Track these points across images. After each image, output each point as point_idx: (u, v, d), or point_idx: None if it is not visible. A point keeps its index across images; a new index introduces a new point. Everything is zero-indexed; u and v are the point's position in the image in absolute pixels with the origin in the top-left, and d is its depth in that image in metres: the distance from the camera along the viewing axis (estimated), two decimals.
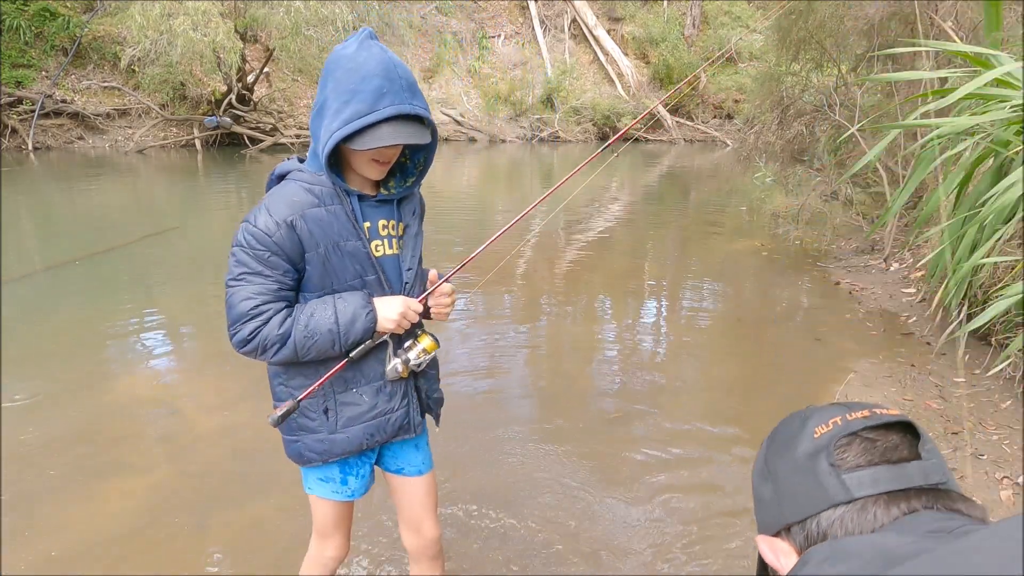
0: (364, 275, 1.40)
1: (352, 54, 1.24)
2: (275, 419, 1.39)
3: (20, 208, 7.85)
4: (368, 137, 1.24)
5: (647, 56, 20.87)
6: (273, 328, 1.32)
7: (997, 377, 3.41)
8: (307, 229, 1.31)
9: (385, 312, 1.39)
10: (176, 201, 9.03)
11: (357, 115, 1.22)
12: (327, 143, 1.25)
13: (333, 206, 1.34)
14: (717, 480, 2.73)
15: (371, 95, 1.22)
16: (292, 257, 1.32)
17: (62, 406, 3.19)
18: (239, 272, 1.31)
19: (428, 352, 1.46)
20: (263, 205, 1.32)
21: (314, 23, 12.91)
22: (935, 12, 4.90)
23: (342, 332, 1.34)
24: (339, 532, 1.64)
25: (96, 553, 2.22)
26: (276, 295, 1.33)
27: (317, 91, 1.29)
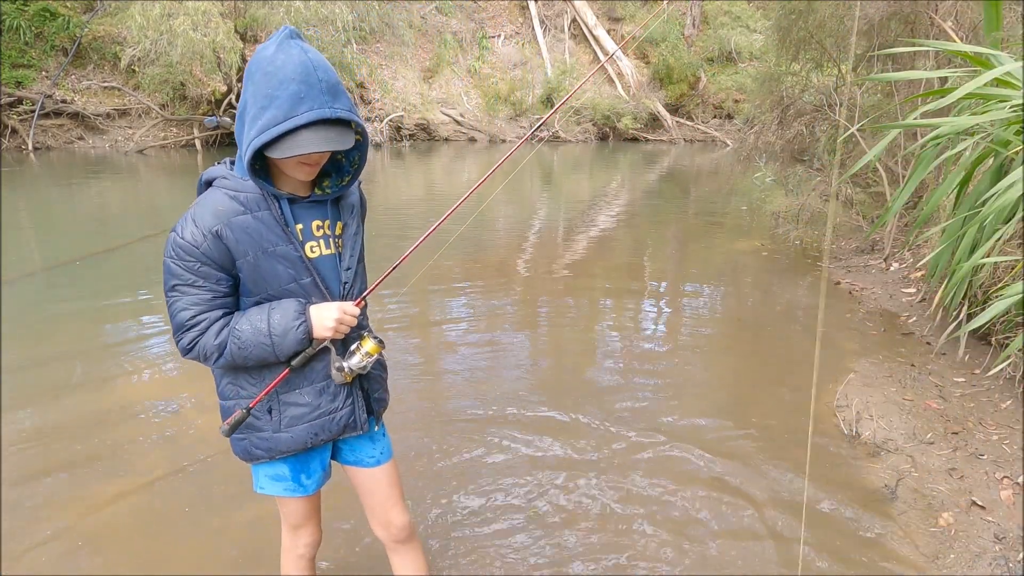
0: (299, 279, 1.38)
1: (270, 56, 1.19)
2: (225, 430, 1.41)
3: (20, 208, 7.85)
4: (287, 144, 1.20)
5: (647, 56, 20.87)
6: (210, 339, 1.32)
7: (997, 377, 3.41)
8: (233, 238, 1.29)
9: (320, 320, 1.38)
10: (176, 201, 9.02)
11: (274, 122, 1.18)
12: (246, 151, 1.22)
13: (260, 212, 1.32)
14: (716, 479, 2.73)
15: (288, 100, 1.17)
16: (223, 265, 1.31)
17: (62, 406, 3.19)
18: (173, 283, 1.31)
19: (371, 355, 1.45)
20: (188, 215, 1.29)
21: (314, 23, 12.92)
22: (935, 12, 4.90)
23: (276, 344, 1.35)
24: (309, 522, 1.66)
25: (96, 553, 2.22)
26: (211, 304, 1.33)
27: (244, 85, 1.24)
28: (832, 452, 2.95)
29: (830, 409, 3.34)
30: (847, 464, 2.86)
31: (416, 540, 1.75)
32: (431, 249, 2.78)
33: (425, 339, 4.21)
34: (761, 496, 2.62)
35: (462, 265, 5.93)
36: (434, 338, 4.23)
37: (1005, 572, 2.18)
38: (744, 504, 2.57)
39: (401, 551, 1.72)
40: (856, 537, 2.39)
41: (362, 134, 1.35)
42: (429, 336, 4.26)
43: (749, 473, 2.78)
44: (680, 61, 19.89)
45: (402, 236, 7.12)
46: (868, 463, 2.87)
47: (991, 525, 2.39)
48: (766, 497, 2.62)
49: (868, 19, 5.36)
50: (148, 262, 5.81)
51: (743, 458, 2.89)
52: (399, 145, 16.98)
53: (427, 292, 5.14)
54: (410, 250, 1.58)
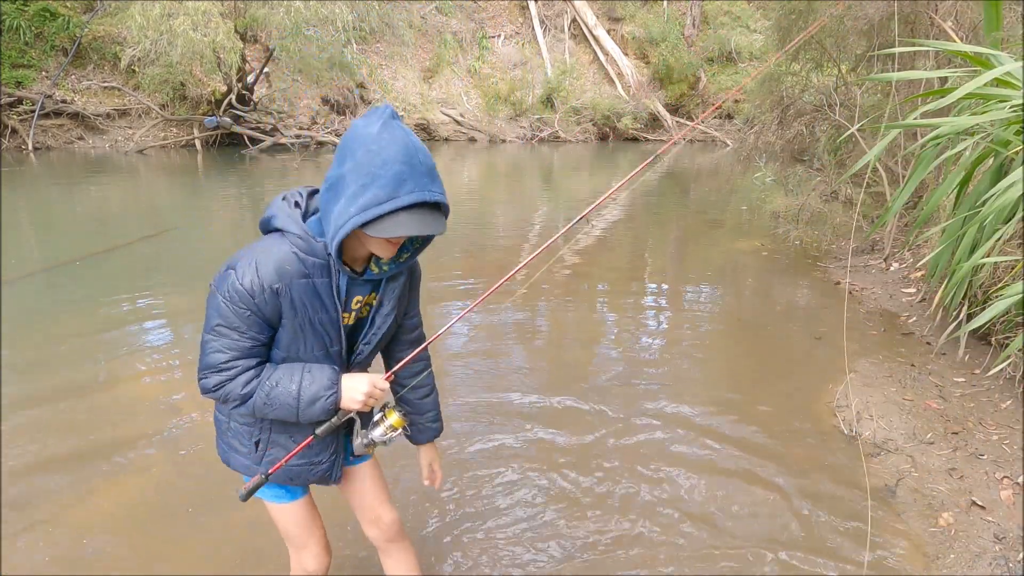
0: (330, 346, 1.40)
1: (375, 135, 1.18)
2: (243, 494, 1.40)
3: (20, 208, 7.85)
4: (386, 224, 1.19)
5: (647, 56, 20.87)
6: (237, 387, 1.32)
7: (997, 377, 3.41)
8: (290, 298, 1.29)
9: (350, 392, 1.38)
10: (176, 201, 9.03)
11: (376, 201, 1.17)
12: (343, 227, 1.19)
13: (320, 279, 1.32)
14: (715, 478, 2.73)
15: (392, 181, 1.17)
16: (270, 319, 1.31)
17: (62, 406, 3.19)
18: (216, 323, 1.29)
19: (395, 429, 1.46)
20: (252, 260, 1.27)
21: (314, 23, 12.91)
22: (935, 12, 4.89)
23: (302, 409, 1.35)
24: (312, 538, 1.62)
25: (96, 553, 2.22)
26: (248, 352, 1.32)
27: (333, 164, 1.23)
28: (832, 452, 2.95)
29: (830, 409, 3.34)
30: (847, 464, 2.86)
31: (407, 539, 1.75)
32: None
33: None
34: (761, 495, 2.62)
35: (464, 264, 5.93)
36: (434, 334, 4.22)
37: (1005, 572, 2.18)
38: (742, 505, 2.57)
39: (393, 551, 1.72)
40: (856, 537, 2.39)
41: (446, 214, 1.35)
42: (429, 332, 4.26)
43: (749, 472, 2.78)
44: (680, 61, 19.89)
45: None
46: (868, 463, 2.87)
47: (991, 525, 2.39)
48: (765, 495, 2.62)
49: (868, 19, 5.35)
50: (148, 262, 5.81)
51: (742, 459, 2.89)
52: None
53: (428, 291, 5.14)
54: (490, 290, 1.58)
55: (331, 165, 1.24)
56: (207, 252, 6.44)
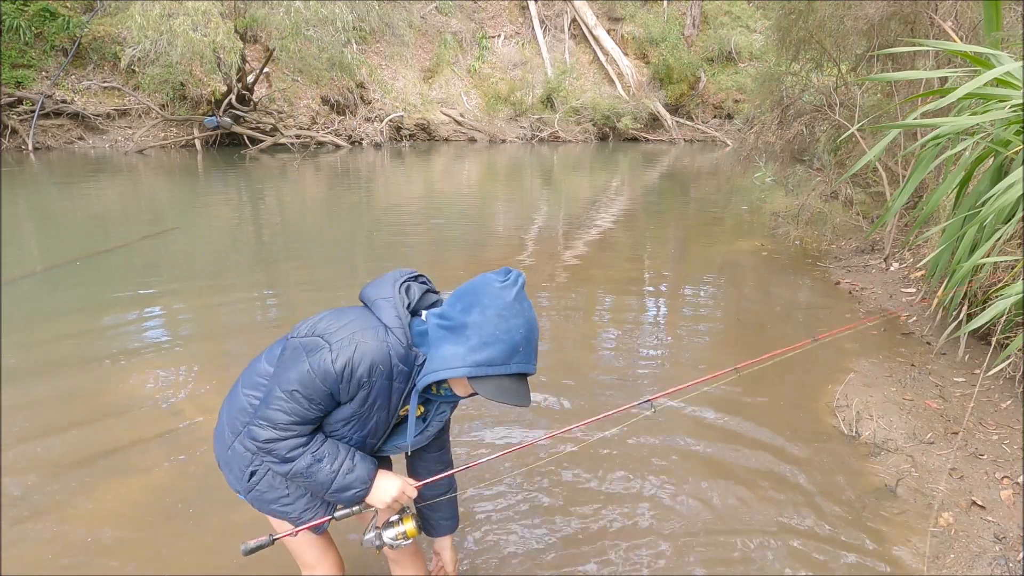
0: (369, 437, 1.44)
1: (509, 303, 1.28)
2: (247, 548, 1.41)
3: (20, 208, 7.85)
4: (489, 386, 1.28)
5: (647, 56, 20.88)
6: (284, 449, 1.34)
7: (997, 377, 3.41)
8: (368, 393, 1.34)
9: (380, 492, 1.42)
10: (176, 201, 9.03)
11: (490, 362, 1.26)
12: (453, 371, 1.28)
13: (399, 384, 1.36)
14: (714, 478, 2.73)
15: (509, 349, 1.27)
16: (339, 400, 1.35)
17: (62, 406, 3.19)
18: (293, 387, 1.31)
19: (408, 537, 1.49)
20: (352, 345, 1.30)
21: (314, 23, 12.91)
22: (935, 12, 4.90)
23: (332, 491, 1.38)
24: (324, 555, 1.64)
25: (96, 553, 2.22)
26: (309, 421, 1.35)
27: (457, 305, 1.30)
28: (832, 452, 2.95)
29: (830, 409, 3.34)
30: (847, 464, 2.86)
31: (419, 554, 1.76)
32: None
33: None
34: (760, 495, 2.62)
35: (464, 264, 5.93)
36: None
37: (1005, 572, 2.18)
38: (740, 504, 2.57)
39: (406, 562, 1.73)
40: (856, 537, 2.39)
41: None
42: None
43: (748, 471, 2.78)
44: (680, 61, 19.90)
45: (400, 232, 7.14)
46: (868, 463, 2.87)
47: (991, 525, 2.39)
48: (764, 496, 2.62)
49: (868, 19, 5.35)
50: (148, 262, 5.81)
51: (740, 458, 2.89)
52: (399, 145, 16.98)
53: None
54: (506, 451, 1.59)
55: (452, 301, 1.33)
56: (207, 252, 6.44)
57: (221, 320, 4.48)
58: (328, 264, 6.01)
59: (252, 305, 4.82)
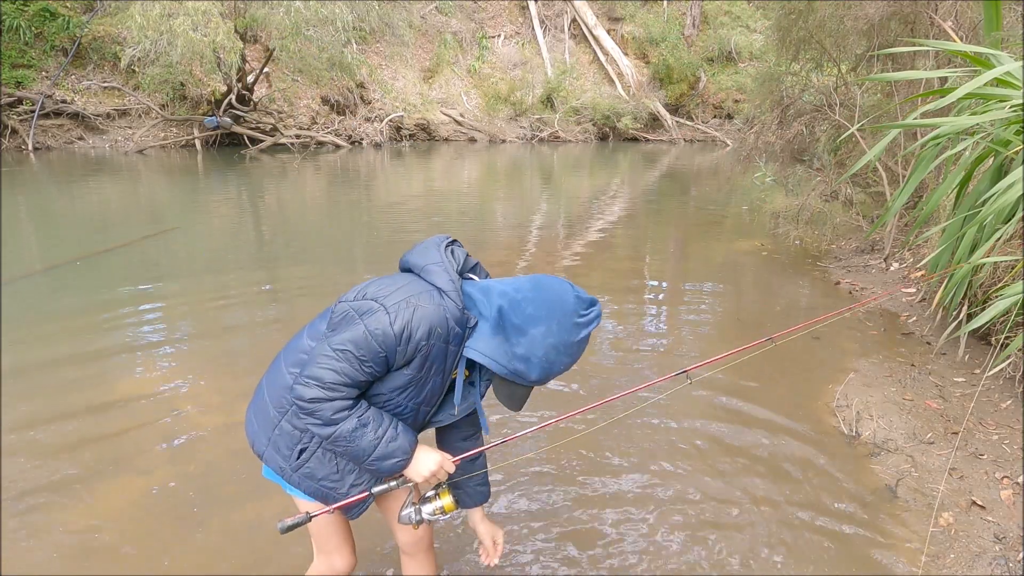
0: (424, 404, 1.44)
1: (573, 344, 1.32)
2: (284, 527, 1.39)
3: (20, 208, 7.85)
4: (505, 388, 1.39)
5: (647, 56, 20.88)
6: (329, 411, 1.32)
7: (997, 377, 3.41)
8: (425, 355, 1.34)
9: (419, 466, 1.42)
10: (176, 201, 9.03)
11: (520, 376, 1.34)
12: (490, 363, 1.33)
13: (452, 347, 1.37)
14: (713, 478, 2.73)
15: (542, 374, 1.34)
16: (395, 364, 1.34)
17: (62, 406, 3.19)
18: (346, 347, 1.30)
19: (445, 512, 1.49)
20: (412, 308, 1.30)
21: (314, 23, 12.91)
22: (935, 12, 4.90)
23: (372, 458, 1.37)
24: (344, 543, 1.63)
25: (95, 553, 2.22)
26: (358, 384, 1.34)
27: (529, 301, 1.32)
28: (832, 452, 2.95)
29: (830, 409, 3.34)
30: (847, 464, 2.86)
31: (433, 549, 1.76)
32: None
33: None
34: (762, 493, 2.62)
35: None
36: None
37: (1005, 572, 2.18)
38: (736, 503, 2.57)
39: (419, 557, 1.73)
40: (856, 537, 2.39)
41: None
42: None
43: (748, 471, 2.78)
44: (680, 61, 19.90)
45: (399, 229, 7.13)
46: (868, 463, 2.87)
47: (991, 525, 2.39)
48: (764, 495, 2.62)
49: (868, 19, 5.35)
50: (148, 262, 5.81)
51: (739, 459, 2.89)
52: (399, 145, 16.98)
53: None
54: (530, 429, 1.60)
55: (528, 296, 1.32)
56: (207, 252, 6.44)
57: (221, 320, 4.48)
58: (328, 263, 6.01)
59: (252, 304, 4.82)
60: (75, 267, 5.50)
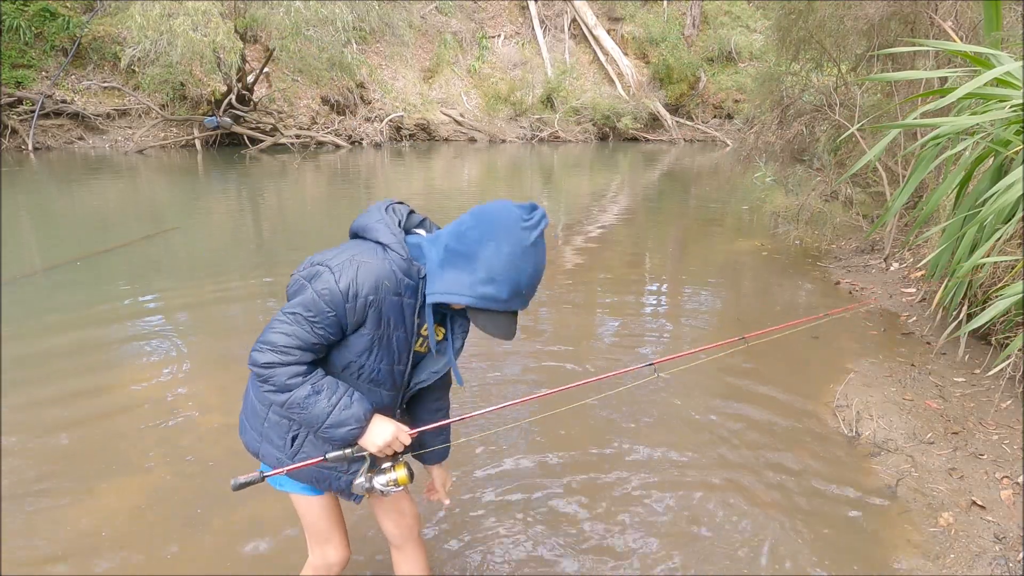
0: (396, 363, 1.44)
1: (528, 247, 1.29)
2: (237, 483, 1.38)
3: (20, 208, 7.85)
4: (484, 318, 1.33)
5: (647, 56, 20.88)
6: (283, 376, 1.34)
7: (997, 377, 3.41)
8: (378, 311, 1.35)
9: (373, 435, 1.41)
10: (176, 201, 9.03)
11: (492, 298, 1.29)
12: (454, 296, 1.31)
13: (409, 299, 1.38)
14: (713, 478, 2.73)
15: (513, 291, 1.29)
16: (348, 325, 1.35)
17: (62, 406, 3.19)
18: (296, 311, 1.32)
19: (398, 484, 1.48)
20: (353, 265, 1.32)
21: (314, 23, 12.91)
22: (935, 12, 4.90)
23: (326, 425, 1.37)
24: (335, 534, 1.64)
25: (95, 553, 2.22)
26: (311, 347, 1.34)
27: (471, 230, 1.30)
28: (832, 452, 2.95)
29: (830, 409, 3.34)
30: (847, 464, 2.86)
31: (421, 539, 1.76)
32: None
33: None
34: (762, 495, 2.62)
35: None
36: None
37: (1005, 572, 2.18)
38: (734, 504, 2.57)
39: (408, 549, 1.73)
40: (856, 537, 2.39)
41: None
42: None
43: (748, 471, 2.78)
44: (680, 61, 19.90)
45: None
46: (868, 463, 2.87)
47: (991, 525, 2.39)
48: (766, 497, 2.62)
49: (868, 19, 5.35)
50: (148, 262, 5.81)
51: (738, 458, 2.89)
52: (399, 145, 16.98)
53: None
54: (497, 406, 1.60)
55: (470, 223, 1.31)
56: (207, 252, 6.44)
57: (221, 319, 4.48)
58: None
59: (252, 304, 4.82)
60: (75, 267, 5.50)
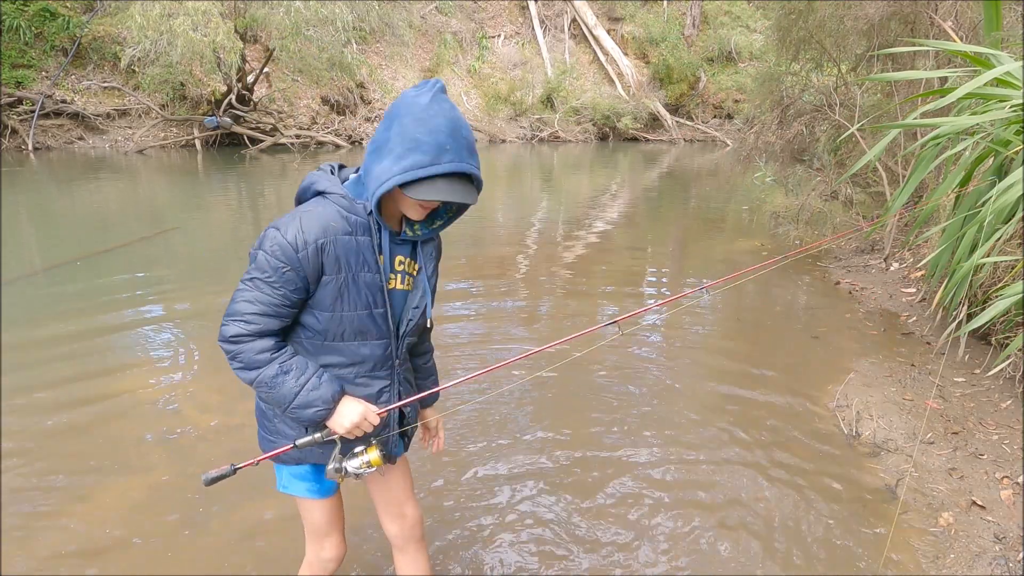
0: (374, 307, 1.41)
1: (425, 105, 1.26)
2: (208, 478, 1.39)
3: (20, 208, 7.85)
4: (424, 188, 1.27)
5: (647, 56, 20.88)
6: (251, 350, 1.34)
7: (997, 377, 3.41)
8: (333, 254, 1.33)
9: (341, 417, 1.40)
10: (176, 201, 9.03)
11: (418, 165, 1.24)
12: (385, 183, 1.27)
13: (363, 236, 1.37)
14: (709, 477, 2.73)
15: (435, 149, 1.25)
16: (309, 277, 1.34)
17: (62, 406, 3.19)
18: (253, 276, 1.33)
19: (371, 466, 1.46)
20: (296, 218, 1.32)
21: (314, 23, 12.91)
22: (935, 12, 4.89)
23: (293, 406, 1.37)
24: (333, 531, 1.65)
25: (95, 553, 2.22)
26: (275, 309, 1.34)
27: (379, 128, 1.30)
28: (832, 452, 2.95)
29: (830, 409, 3.34)
30: (847, 464, 2.86)
31: (423, 540, 1.76)
32: None
33: None
34: (763, 496, 2.62)
35: (464, 259, 5.93)
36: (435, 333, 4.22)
37: (1005, 572, 2.18)
38: (734, 502, 2.57)
39: (411, 550, 1.73)
40: (856, 537, 2.39)
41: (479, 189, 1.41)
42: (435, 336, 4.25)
43: (748, 471, 2.78)
44: (680, 61, 19.90)
45: None
46: (868, 463, 2.87)
47: (991, 525, 2.39)
48: (766, 500, 2.62)
49: (868, 19, 5.35)
50: (148, 262, 5.81)
51: (737, 459, 2.89)
52: None
53: None
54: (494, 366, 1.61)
55: (376, 130, 1.31)
56: (207, 252, 6.44)
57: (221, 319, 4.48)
58: None
59: None
60: (75, 267, 5.50)
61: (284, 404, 1.37)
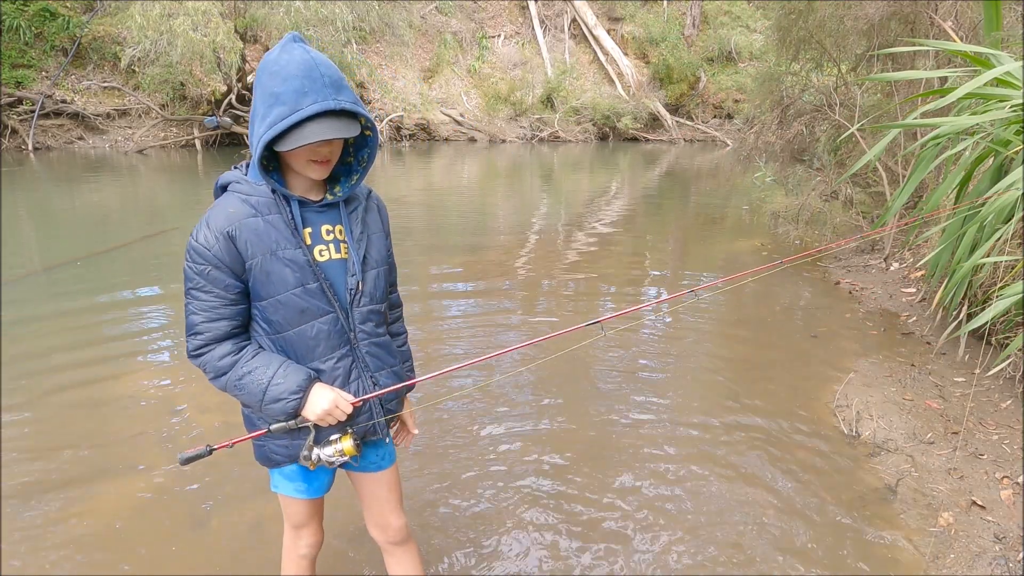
0: (305, 283, 1.38)
1: (274, 58, 1.25)
2: (183, 458, 1.38)
3: (20, 208, 7.85)
4: (294, 136, 1.23)
5: (647, 56, 20.88)
6: (214, 358, 1.36)
7: (997, 377, 3.41)
8: (243, 239, 1.32)
9: (312, 405, 1.38)
10: (176, 201, 9.03)
11: (280, 117, 1.22)
12: (256, 146, 1.26)
13: (271, 215, 1.34)
14: (713, 478, 2.73)
15: (293, 95, 1.22)
16: (233, 269, 1.33)
17: (62, 406, 3.20)
18: (188, 287, 1.36)
19: (344, 455, 1.45)
20: (204, 219, 1.33)
21: (314, 23, 12.92)
22: (935, 12, 4.90)
23: (264, 403, 1.37)
24: (312, 522, 1.68)
25: (95, 553, 2.22)
26: (219, 312, 1.35)
27: (256, 83, 1.29)
28: (832, 452, 2.95)
29: (830, 409, 3.34)
30: (847, 464, 2.86)
31: (412, 542, 1.76)
32: None
33: (427, 335, 4.21)
34: (762, 497, 2.62)
35: (464, 258, 5.93)
36: (435, 333, 4.22)
37: (1005, 572, 2.18)
38: (734, 503, 2.57)
39: (397, 552, 1.73)
40: (856, 537, 2.39)
41: (371, 129, 1.37)
42: (430, 332, 4.26)
43: (748, 471, 2.78)
44: (680, 61, 19.90)
45: (398, 228, 7.13)
46: (868, 463, 2.87)
47: (991, 525, 2.40)
48: (765, 499, 2.62)
49: (868, 19, 5.35)
50: (148, 262, 5.81)
51: (737, 459, 2.89)
52: (399, 145, 16.98)
53: (427, 287, 5.14)
54: (480, 359, 1.60)
55: None
56: None
57: None
58: None
59: None
60: (75, 267, 5.50)
61: (257, 402, 1.37)
